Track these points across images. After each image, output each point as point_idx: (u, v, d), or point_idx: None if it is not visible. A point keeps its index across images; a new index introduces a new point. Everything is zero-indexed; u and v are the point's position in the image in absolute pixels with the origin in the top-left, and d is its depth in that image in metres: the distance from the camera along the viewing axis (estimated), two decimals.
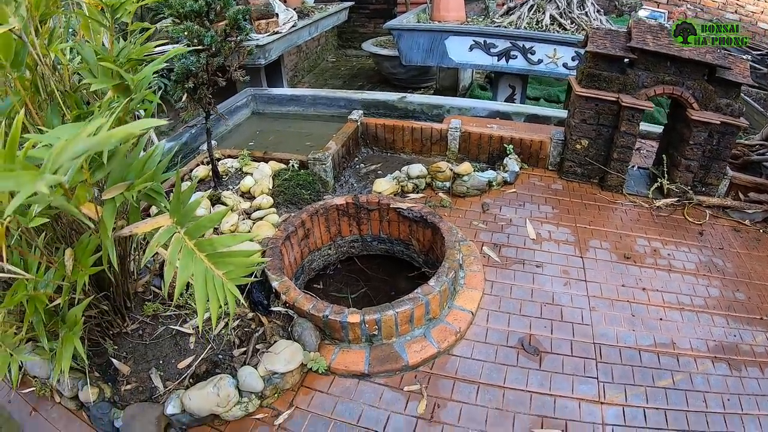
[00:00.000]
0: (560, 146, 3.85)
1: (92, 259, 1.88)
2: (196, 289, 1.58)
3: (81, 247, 1.87)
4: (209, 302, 1.61)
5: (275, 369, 2.24)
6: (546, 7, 6.58)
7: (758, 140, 3.96)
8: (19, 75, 1.75)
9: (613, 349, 2.53)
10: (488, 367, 2.41)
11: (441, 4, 7.46)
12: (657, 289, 2.93)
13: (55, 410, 2.50)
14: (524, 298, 2.80)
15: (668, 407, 2.27)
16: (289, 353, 2.28)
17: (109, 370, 2.44)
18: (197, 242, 1.62)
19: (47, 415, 2.49)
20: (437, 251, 2.99)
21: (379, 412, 2.22)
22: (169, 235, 1.60)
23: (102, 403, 2.32)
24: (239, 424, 2.23)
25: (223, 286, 1.63)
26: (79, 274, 1.85)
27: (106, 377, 2.41)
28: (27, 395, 2.58)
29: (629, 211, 3.58)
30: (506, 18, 6.93)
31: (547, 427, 2.15)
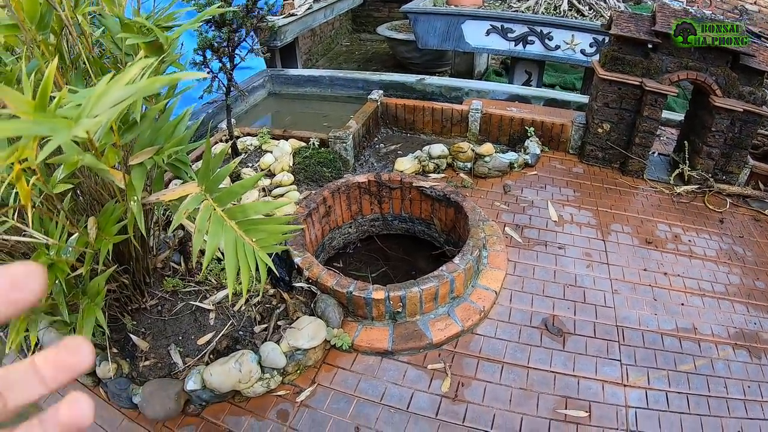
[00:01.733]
0: (582, 130, 3.79)
1: (116, 227, 1.84)
2: (227, 257, 1.51)
3: (105, 215, 1.84)
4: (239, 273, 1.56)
5: (298, 345, 2.21)
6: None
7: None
8: (43, 38, 1.70)
9: (635, 332, 2.50)
10: (512, 346, 2.38)
11: None
12: (678, 275, 2.89)
13: (70, 386, 2.45)
14: (547, 279, 2.77)
15: (690, 392, 2.24)
16: (313, 329, 2.25)
17: (127, 346, 2.41)
18: (227, 209, 1.56)
19: (62, 391, 2.45)
20: (459, 230, 2.95)
21: (402, 390, 2.20)
22: (198, 203, 1.52)
23: (120, 379, 2.29)
24: (260, 401, 2.21)
25: (254, 254, 1.58)
26: (103, 242, 1.82)
27: (125, 353, 2.38)
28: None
29: (650, 196, 3.53)
30: (523, 3, 6.85)
31: (571, 407, 2.13)
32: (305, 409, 2.16)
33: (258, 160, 3.59)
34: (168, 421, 2.19)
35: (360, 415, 2.11)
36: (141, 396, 2.19)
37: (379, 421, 2.09)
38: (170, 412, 2.16)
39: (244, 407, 2.20)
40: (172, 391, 2.17)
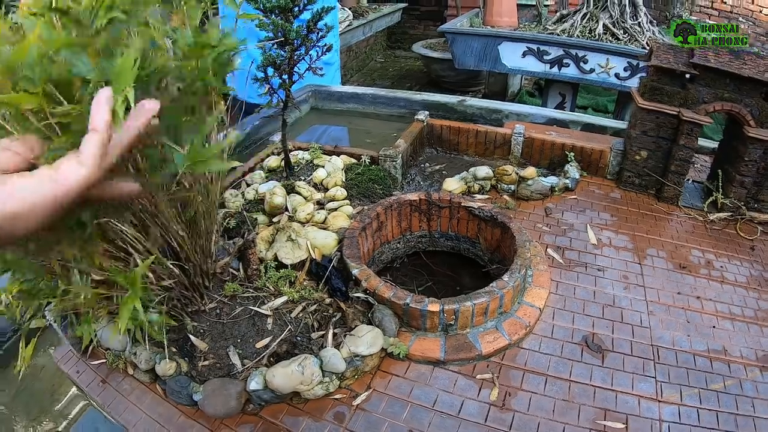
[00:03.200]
0: (620, 156, 3.97)
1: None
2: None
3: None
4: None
5: (358, 351, 2.40)
6: (599, 16, 6.65)
7: None
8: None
9: (669, 351, 2.66)
10: (555, 360, 2.56)
11: (494, 9, 7.58)
12: (710, 299, 3.04)
13: (126, 382, 2.61)
14: (587, 298, 2.95)
15: (719, 409, 2.39)
16: (371, 337, 2.45)
17: (185, 346, 2.57)
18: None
19: (118, 387, 2.63)
20: (504, 250, 3.15)
21: (453, 398, 2.39)
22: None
23: (181, 377, 2.44)
24: (318, 403, 2.38)
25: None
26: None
27: (183, 353, 2.55)
28: (96, 367, 2.72)
29: (684, 222, 3.69)
30: (559, 25, 7.03)
31: (609, 419, 2.30)
32: (361, 412, 2.33)
33: (310, 174, 3.82)
34: (226, 419, 2.35)
35: (413, 419, 2.30)
36: (202, 394, 2.33)
37: (432, 426, 2.27)
38: (230, 411, 2.31)
39: (302, 408, 2.37)
40: (234, 390, 2.33)
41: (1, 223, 0.58)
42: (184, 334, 2.59)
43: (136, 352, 2.52)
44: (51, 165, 0.68)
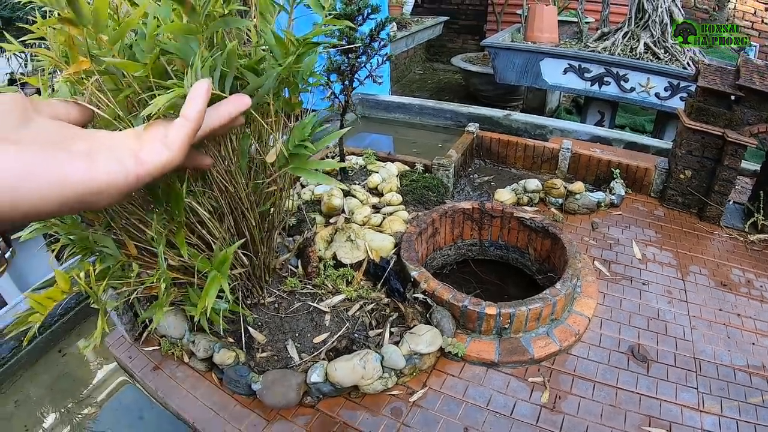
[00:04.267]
0: (664, 175, 4.07)
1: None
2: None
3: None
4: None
5: (417, 349, 2.53)
6: (641, 35, 6.72)
7: None
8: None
9: (711, 365, 2.77)
10: (602, 368, 2.69)
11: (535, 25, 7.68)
12: (750, 317, 3.14)
13: (180, 370, 2.74)
14: (633, 311, 3.07)
15: (758, 422, 2.48)
16: (431, 336, 2.59)
17: (243, 338, 2.68)
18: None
19: (171, 374, 2.73)
20: (553, 260, 3.28)
21: (506, 398, 2.52)
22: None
23: (241, 366, 2.55)
24: (375, 398, 2.51)
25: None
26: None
27: (240, 344, 2.66)
28: (149, 353, 2.85)
29: (725, 242, 3.78)
30: (600, 43, 7.10)
31: (654, 426, 2.41)
32: (417, 408, 2.46)
33: (365, 179, 3.98)
34: (283, 410, 2.48)
35: (468, 417, 2.43)
36: (261, 384, 2.44)
37: (486, 424, 2.40)
38: (289, 402, 2.42)
39: (359, 403, 2.50)
40: (294, 382, 2.43)
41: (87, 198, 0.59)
42: (242, 326, 2.72)
43: (194, 340, 2.64)
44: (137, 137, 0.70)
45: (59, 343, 3.56)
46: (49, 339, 3.57)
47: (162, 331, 2.81)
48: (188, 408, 2.54)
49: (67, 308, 3.70)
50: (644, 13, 6.54)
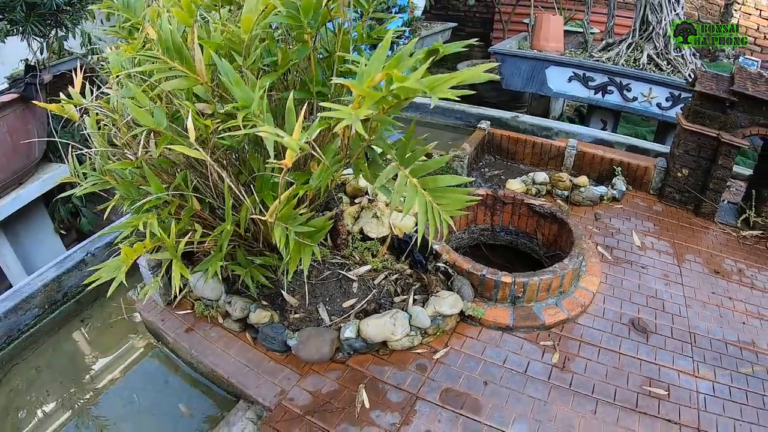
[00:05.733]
0: (663, 173, 4.40)
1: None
2: (420, 217, 1.90)
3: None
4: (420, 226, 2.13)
5: (441, 311, 2.82)
6: (644, 47, 7.06)
7: None
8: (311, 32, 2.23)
9: (704, 338, 3.07)
10: (606, 336, 2.99)
11: (541, 34, 8.02)
12: (741, 300, 3.45)
13: (213, 331, 2.98)
14: (633, 289, 3.37)
15: (748, 389, 2.77)
16: (453, 300, 2.88)
17: (277, 301, 2.97)
18: (421, 180, 1.94)
19: (205, 335, 2.97)
20: (561, 243, 3.58)
21: (520, 358, 2.81)
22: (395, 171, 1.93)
23: (277, 324, 2.81)
24: (402, 355, 2.79)
25: (440, 215, 1.93)
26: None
27: (274, 306, 2.93)
28: (181, 316, 3.09)
29: (719, 236, 4.11)
30: (605, 53, 7.45)
31: (654, 386, 2.70)
32: (440, 365, 2.75)
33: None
34: (315, 365, 2.74)
35: (486, 373, 2.72)
36: (297, 339, 2.70)
37: (503, 379, 2.69)
38: (323, 356, 2.70)
39: (387, 359, 2.78)
40: (328, 338, 2.70)
41: None
42: (275, 290, 3.00)
43: (231, 301, 2.91)
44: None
45: (82, 313, 3.69)
46: (73, 309, 3.71)
47: (198, 294, 3.08)
48: (223, 364, 2.77)
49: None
50: (648, 26, 6.89)
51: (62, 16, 5.00)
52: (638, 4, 6.93)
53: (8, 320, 3.30)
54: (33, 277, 3.53)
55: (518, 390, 2.61)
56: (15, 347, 3.33)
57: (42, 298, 3.49)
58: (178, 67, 2.02)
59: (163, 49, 2.00)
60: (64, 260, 3.69)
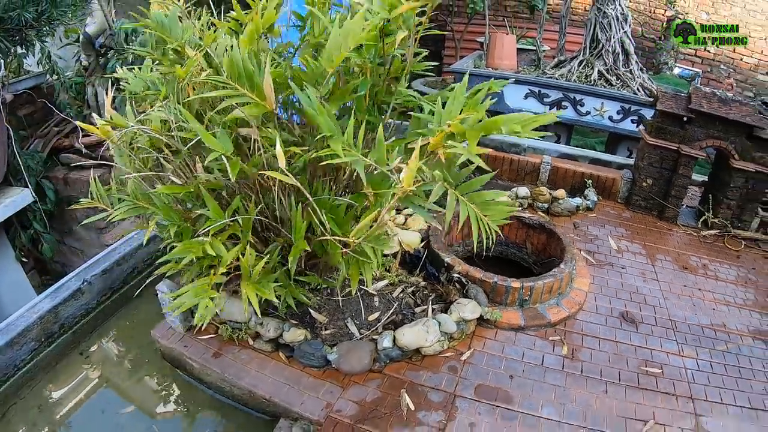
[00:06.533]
0: (629, 183, 5.13)
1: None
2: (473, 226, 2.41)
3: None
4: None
5: (464, 316, 3.32)
6: (595, 63, 7.92)
7: None
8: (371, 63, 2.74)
9: (683, 324, 3.74)
10: (602, 328, 3.61)
11: (496, 53, 8.79)
12: (709, 291, 4.16)
13: (244, 353, 3.24)
14: (617, 288, 4.03)
15: (726, 363, 3.42)
16: (472, 306, 3.41)
17: (305, 319, 3.29)
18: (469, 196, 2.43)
19: (235, 357, 3.21)
20: (550, 251, 4.21)
21: (535, 353, 3.36)
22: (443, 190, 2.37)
23: (314, 341, 3.12)
24: (433, 360, 3.25)
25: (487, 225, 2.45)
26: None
27: (304, 324, 3.24)
28: (206, 342, 3.32)
29: (682, 237, 4.85)
30: (557, 70, 8.27)
31: (650, 366, 3.32)
32: (469, 365, 3.24)
33: None
34: (354, 376, 3.06)
35: (509, 368, 3.24)
36: (337, 353, 3.04)
37: (525, 372, 3.21)
38: (363, 367, 3.05)
39: (420, 365, 3.23)
40: (367, 349, 3.09)
41: None
42: (303, 308, 3.29)
43: (263, 322, 3.17)
44: None
45: (80, 345, 3.75)
46: (71, 341, 3.74)
47: (225, 317, 3.31)
48: (261, 385, 3.03)
49: (88, 309, 3.93)
50: (598, 43, 7.75)
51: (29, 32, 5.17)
52: (588, 23, 7.79)
53: (3, 356, 3.30)
54: (27, 308, 3.56)
55: (539, 380, 3.16)
56: (11, 385, 3.36)
57: (38, 330, 3.51)
58: (248, 94, 2.38)
59: (233, 76, 2.37)
60: (59, 290, 3.74)
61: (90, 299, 3.97)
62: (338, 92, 2.66)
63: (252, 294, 2.62)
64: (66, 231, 6.48)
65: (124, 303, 4.18)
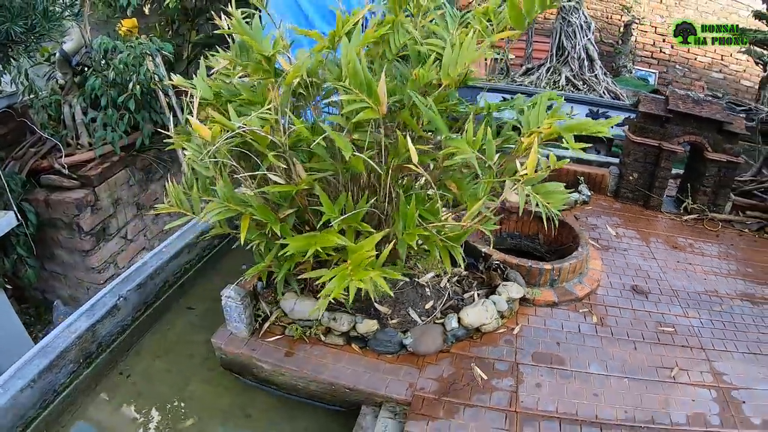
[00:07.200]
0: (617, 178, 6.04)
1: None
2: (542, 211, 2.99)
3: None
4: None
5: (512, 296, 3.97)
6: (562, 70, 8.87)
7: (748, 177, 6.33)
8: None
9: (683, 292, 4.60)
10: (620, 299, 4.42)
11: None
12: (698, 264, 5.05)
13: (315, 349, 3.58)
14: (623, 267, 4.87)
15: (723, 320, 4.27)
16: (516, 287, 4.07)
17: (370, 311, 3.67)
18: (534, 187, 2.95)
19: (308, 354, 3.53)
20: (562, 240, 5.03)
21: (572, 323, 4.08)
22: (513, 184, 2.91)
23: (389, 329, 3.54)
24: (490, 336, 3.85)
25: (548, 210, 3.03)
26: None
27: (370, 316, 3.62)
28: (274, 343, 3.61)
29: (667, 222, 5.77)
30: (526, 78, 9.21)
31: (664, 327, 4.14)
32: (521, 337, 3.88)
33: None
34: (427, 357, 3.55)
35: (554, 337, 3.92)
36: (412, 337, 3.51)
37: (567, 339, 3.91)
38: (437, 347, 3.57)
39: (480, 341, 3.76)
40: (438, 331, 3.62)
41: None
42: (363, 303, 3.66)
43: (336, 317, 3.54)
44: None
45: (118, 365, 3.79)
46: (108, 360, 3.76)
47: (295, 316, 3.65)
48: (342, 376, 3.38)
49: (124, 326, 4.01)
50: (564, 51, 8.71)
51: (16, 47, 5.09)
52: (554, 32, 8.74)
53: (43, 381, 3.23)
54: (63, 328, 3.55)
55: (581, 344, 3.90)
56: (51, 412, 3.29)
57: (77, 351, 3.50)
58: (367, 100, 2.74)
59: (355, 83, 2.73)
60: (94, 307, 3.77)
61: (125, 315, 4.03)
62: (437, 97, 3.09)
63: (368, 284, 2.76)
64: (47, 256, 6.31)
65: (157, 318, 4.31)
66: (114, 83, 5.53)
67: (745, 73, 9.95)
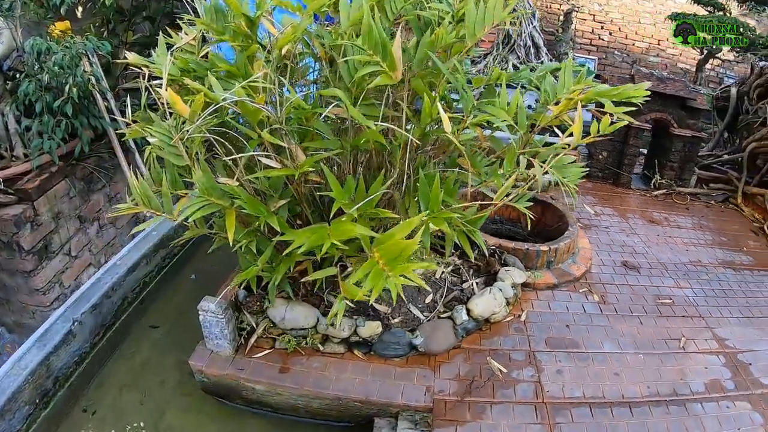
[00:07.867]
0: (586, 158, 6.15)
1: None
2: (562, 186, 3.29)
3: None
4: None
5: (516, 281, 3.96)
6: (509, 58, 8.96)
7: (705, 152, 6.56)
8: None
9: (671, 264, 4.72)
10: (614, 276, 4.49)
11: None
12: (677, 237, 5.20)
13: (314, 360, 3.25)
14: (609, 243, 4.95)
15: (711, 288, 4.43)
16: (518, 272, 4.07)
17: (367, 311, 3.42)
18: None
19: (306, 368, 3.20)
20: (547, 221, 5.06)
21: (575, 303, 4.12)
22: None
23: (397, 329, 3.29)
24: (498, 327, 3.75)
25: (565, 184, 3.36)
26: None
27: (370, 317, 3.35)
28: (264, 359, 3.25)
29: (638, 198, 5.92)
30: (474, 66, 9.26)
31: (662, 298, 4.24)
32: (530, 324, 3.86)
33: None
34: (440, 356, 3.38)
35: (562, 319, 3.95)
36: (422, 336, 3.29)
37: (575, 320, 3.94)
38: (450, 343, 3.40)
39: (489, 332, 3.68)
40: (449, 326, 3.45)
41: None
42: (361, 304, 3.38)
43: (333, 323, 3.18)
44: None
45: (80, 400, 3.35)
46: (67, 396, 3.32)
47: (287, 326, 3.29)
48: (351, 388, 3.08)
49: (81, 354, 3.54)
50: (510, 39, 8.79)
51: None
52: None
53: None
54: (11, 364, 3.02)
55: (589, 324, 3.94)
56: None
57: (30, 391, 3.02)
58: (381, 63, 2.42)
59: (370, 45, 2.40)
60: (45, 335, 3.27)
61: (83, 342, 3.54)
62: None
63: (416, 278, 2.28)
64: None
65: (118, 342, 3.84)
66: (49, 87, 5.14)
67: (681, 56, 10.32)
